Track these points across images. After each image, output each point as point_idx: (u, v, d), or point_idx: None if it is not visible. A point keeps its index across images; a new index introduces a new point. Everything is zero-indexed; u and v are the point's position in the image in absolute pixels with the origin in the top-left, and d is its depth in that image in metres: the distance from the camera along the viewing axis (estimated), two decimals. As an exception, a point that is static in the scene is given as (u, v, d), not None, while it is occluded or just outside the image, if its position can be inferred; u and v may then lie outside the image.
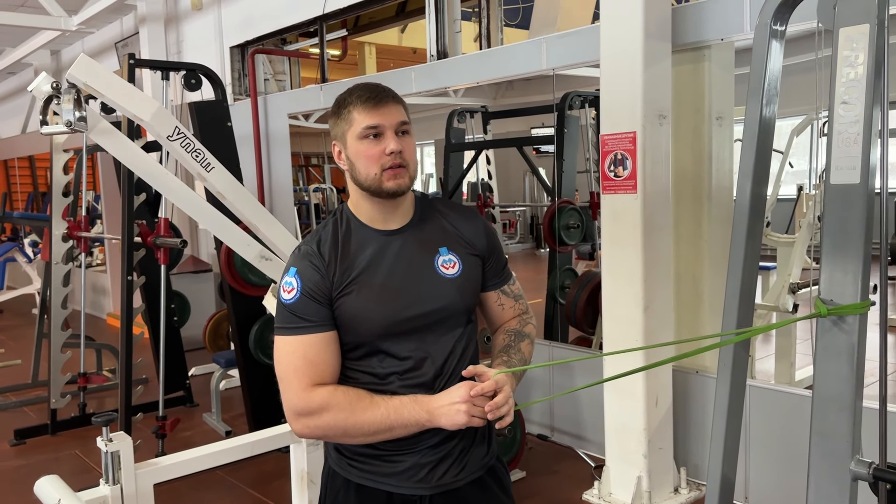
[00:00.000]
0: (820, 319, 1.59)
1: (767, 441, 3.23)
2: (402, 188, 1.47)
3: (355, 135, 1.47)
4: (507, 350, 1.57)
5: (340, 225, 1.54)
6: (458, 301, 1.53)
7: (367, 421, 1.41)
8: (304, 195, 9.79)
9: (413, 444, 1.48)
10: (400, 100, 1.50)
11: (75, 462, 4.25)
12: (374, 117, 1.45)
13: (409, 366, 1.48)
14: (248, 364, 4.33)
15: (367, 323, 1.46)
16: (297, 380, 1.44)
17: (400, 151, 1.45)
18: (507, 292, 1.65)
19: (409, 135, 1.49)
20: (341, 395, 1.43)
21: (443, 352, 1.51)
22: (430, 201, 1.62)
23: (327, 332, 1.46)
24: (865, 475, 1.51)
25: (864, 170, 1.52)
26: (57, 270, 4.81)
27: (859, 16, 1.53)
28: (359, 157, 1.47)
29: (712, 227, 3.44)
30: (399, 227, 1.53)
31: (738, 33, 3.17)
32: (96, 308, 8.79)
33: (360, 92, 1.48)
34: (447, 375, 1.50)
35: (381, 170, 1.45)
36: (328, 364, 1.46)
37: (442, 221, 1.58)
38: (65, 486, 1.77)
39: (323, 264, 1.47)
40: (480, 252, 1.58)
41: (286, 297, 1.46)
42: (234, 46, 6.75)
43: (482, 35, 4.96)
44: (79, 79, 1.95)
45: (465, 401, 1.38)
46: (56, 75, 10.08)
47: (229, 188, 2.31)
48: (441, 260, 1.53)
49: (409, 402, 1.42)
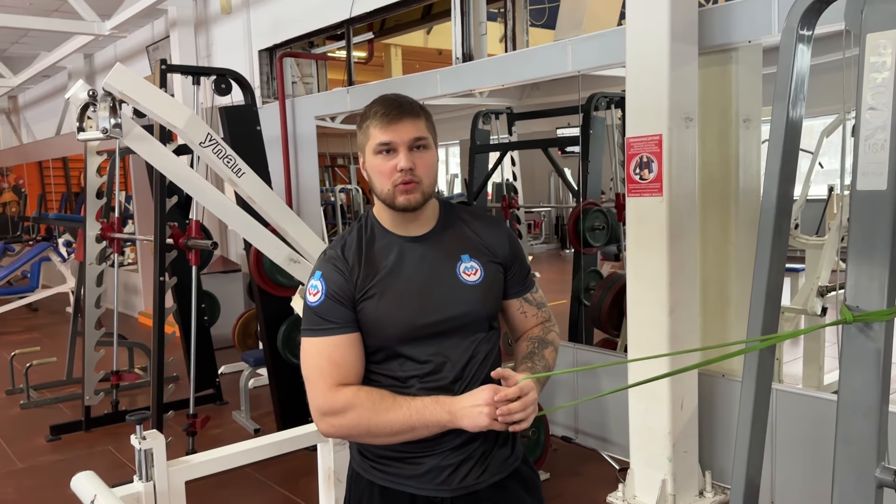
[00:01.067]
0: (845, 326, 1.59)
1: (794, 445, 3.21)
2: (411, 204, 1.49)
3: (371, 149, 1.50)
4: (531, 357, 1.58)
5: (365, 230, 1.57)
6: (479, 308, 1.55)
7: (389, 421, 1.43)
8: (331, 196, 9.87)
9: (434, 445, 1.50)
10: (419, 113, 1.52)
11: (108, 458, 4.35)
12: (388, 133, 1.48)
13: (429, 369, 1.50)
14: (277, 363, 4.39)
15: (387, 327, 1.49)
16: (322, 380, 1.47)
17: (411, 168, 1.47)
18: (529, 300, 1.66)
19: (425, 149, 1.51)
20: (365, 395, 1.46)
21: (462, 356, 1.52)
22: (454, 209, 1.64)
23: (351, 334, 1.49)
24: (891, 482, 1.51)
25: (891, 176, 1.52)
26: (90, 270, 4.91)
27: (887, 21, 1.52)
28: (374, 172, 1.51)
29: (739, 230, 3.42)
30: (422, 234, 1.56)
31: (765, 35, 3.15)
32: (128, 307, 8.95)
33: (378, 107, 1.51)
34: (467, 379, 1.52)
35: (392, 186, 1.48)
36: (352, 365, 1.49)
37: (465, 229, 1.60)
38: (100, 482, 1.82)
39: (347, 268, 1.50)
40: (503, 260, 1.60)
41: (312, 300, 1.50)
42: (263, 50, 6.83)
43: (507, 36, 4.98)
44: (114, 87, 2.01)
45: (488, 403, 1.39)
46: (89, 78, 10.32)
47: (259, 192, 2.36)
48: (463, 267, 1.55)
49: (432, 403, 1.44)
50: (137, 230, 8.13)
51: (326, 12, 5.99)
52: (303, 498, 3.67)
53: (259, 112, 4.61)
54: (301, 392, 4.80)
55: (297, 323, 4.22)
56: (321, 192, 7.92)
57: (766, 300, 1.90)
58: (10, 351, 5.87)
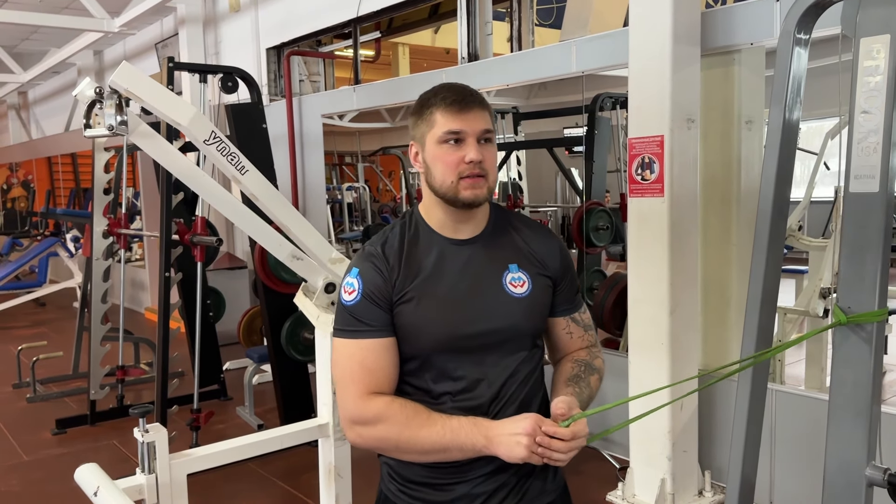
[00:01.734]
0: (837, 327, 1.61)
1: (794, 446, 3.22)
2: (478, 199, 1.39)
3: (435, 138, 1.40)
4: (577, 381, 1.45)
5: (408, 228, 1.47)
6: (524, 322, 1.44)
7: (421, 438, 1.33)
8: (338, 193, 9.90)
9: (466, 471, 1.40)
10: (486, 105, 1.43)
11: (113, 452, 4.39)
12: (458, 122, 1.38)
13: (463, 386, 1.40)
14: (280, 359, 4.42)
15: (424, 335, 1.39)
16: (353, 386, 1.39)
17: (480, 161, 1.38)
18: (577, 320, 1.55)
19: (491, 143, 1.42)
20: (398, 407, 1.36)
21: (501, 375, 1.42)
22: (506, 213, 1.54)
23: (386, 338, 1.39)
24: (880, 481, 1.53)
25: (883, 179, 1.54)
26: (97, 266, 4.96)
27: (880, 26, 1.54)
28: (436, 162, 1.40)
29: (741, 231, 3.44)
30: (469, 238, 1.46)
31: (768, 37, 3.16)
32: (135, 303, 9.01)
33: (446, 93, 1.40)
34: (504, 400, 1.41)
35: (458, 178, 1.38)
36: (385, 372, 1.40)
37: (515, 236, 1.50)
38: (104, 475, 1.85)
39: (386, 267, 1.41)
40: (552, 274, 1.50)
41: (347, 299, 1.41)
42: (271, 48, 6.87)
43: (513, 37, 5.00)
44: (121, 85, 2.04)
45: (528, 434, 1.27)
46: (98, 75, 10.37)
47: (262, 191, 2.38)
48: (510, 277, 1.44)
49: (468, 425, 1.32)
50: (144, 226, 8.19)
51: (334, 11, 6.02)
52: (304, 493, 3.70)
53: (266, 110, 4.65)
54: (304, 388, 4.82)
55: (301, 320, 4.25)
56: (328, 190, 7.96)
57: (763, 301, 1.92)
58: (18, 345, 5.93)
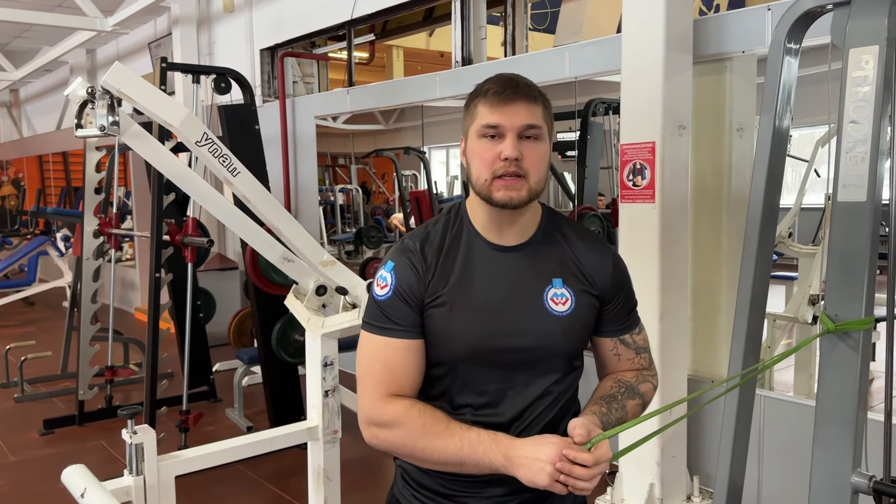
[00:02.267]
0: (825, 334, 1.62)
1: (782, 451, 3.24)
2: (513, 201, 1.28)
3: (475, 131, 1.31)
4: (611, 401, 1.36)
5: (452, 226, 1.38)
6: (560, 343, 1.35)
7: (438, 448, 1.26)
8: (330, 195, 9.90)
9: (483, 486, 1.34)
10: (537, 97, 1.31)
11: (101, 452, 4.37)
12: (497, 115, 1.28)
13: (486, 401, 1.33)
14: (270, 361, 4.41)
15: (452, 343, 1.32)
16: (373, 386, 1.33)
17: (517, 158, 1.27)
18: (627, 342, 1.44)
19: (538, 140, 1.30)
20: (417, 413, 1.29)
21: (529, 395, 1.34)
22: (559, 220, 1.42)
23: (413, 340, 1.33)
24: (865, 488, 1.54)
25: (870, 188, 1.55)
26: (87, 266, 4.94)
27: (869, 37, 1.55)
28: (474, 157, 1.31)
29: (731, 237, 3.46)
30: (514, 245, 1.36)
31: (759, 46, 3.18)
32: (125, 303, 8.98)
33: (491, 84, 1.31)
34: (527, 421, 1.34)
35: (492, 176, 1.28)
36: (409, 375, 1.33)
37: (564, 247, 1.39)
38: (91, 476, 1.85)
39: (423, 265, 1.33)
40: (600, 292, 1.38)
41: (379, 293, 1.34)
42: (265, 49, 6.87)
43: (507, 41, 5.01)
44: (113, 85, 2.04)
45: (553, 461, 1.18)
46: (91, 73, 10.33)
47: (254, 192, 2.39)
48: (552, 293, 1.34)
49: (488, 440, 1.24)
50: (135, 226, 8.16)
51: (328, 13, 6.02)
52: (293, 496, 3.69)
53: (259, 111, 4.65)
54: (293, 390, 4.81)
55: (292, 321, 4.24)
56: (321, 192, 7.96)
57: (751, 307, 1.93)
58: (6, 344, 5.89)
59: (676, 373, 3.29)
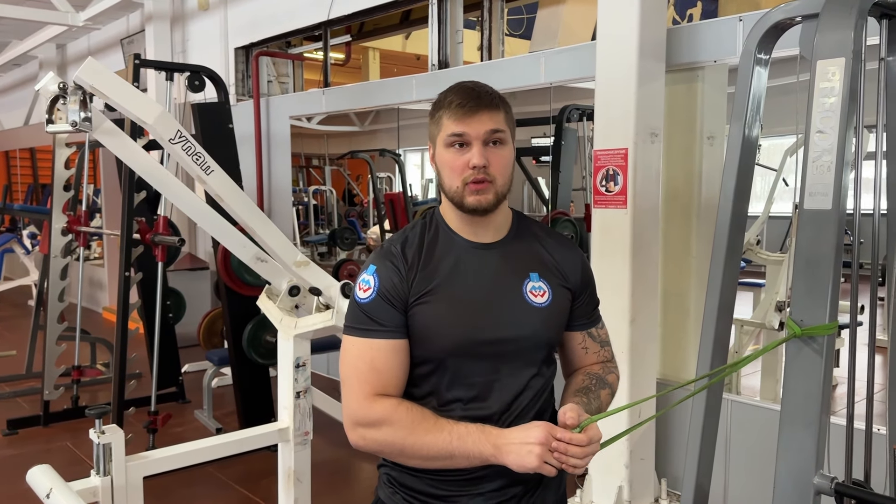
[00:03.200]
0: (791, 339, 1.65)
1: (748, 455, 3.29)
2: (482, 205, 1.35)
3: (442, 141, 1.37)
4: (587, 392, 1.42)
5: (429, 229, 1.44)
6: (542, 333, 1.41)
7: (427, 444, 1.30)
8: (304, 196, 9.85)
9: (475, 484, 1.37)
10: (498, 105, 1.37)
11: (67, 454, 4.30)
12: (462, 125, 1.34)
13: (475, 394, 1.37)
14: (241, 363, 4.38)
15: (439, 338, 1.36)
16: (359, 386, 1.35)
17: (485, 165, 1.33)
18: (593, 336, 1.52)
19: (502, 145, 1.36)
20: (404, 411, 1.32)
21: (515, 386, 1.39)
22: (528, 221, 1.51)
23: (398, 340, 1.36)
24: (828, 489, 1.58)
25: (835, 196, 1.59)
26: (55, 263, 4.87)
27: (836, 49, 1.59)
28: (444, 166, 1.38)
29: (700, 243, 3.51)
30: (490, 242, 1.43)
31: (730, 56, 3.24)
32: (92, 302, 8.84)
33: (454, 95, 1.37)
34: (515, 413, 1.38)
35: (462, 183, 1.35)
36: (394, 374, 1.36)
37: (537, 245, 1.47)
38: (56, 476, 1.82)
39: (405, 267, 1.38)
40: (573, 286, 1.46)
41: (361, 296, 1.37)
42: (239, 48, 6.82)
43: (483, 46, 5.04)
44: (85, 81, 2.01)
45: (541, 443, 1.23)
46: (61, 69, 10.17)
47: (227, 191, 2.37)
48: (530, 286, 1.41)
49: (476, 431, 1.29)
50: (105, 224, 8.05)
51: (304, 13, 6.00)
52: (263, 498, 3.67)
53: (233, 110, 4.61)
54: (264, 392, 4.78)
55: (264, 322, 4.22)
56: (294, 193, 7.91)
57: (719, 312, 1.97)
58: (-31, 343, 5.78)
59: (646, 376, 3.33)
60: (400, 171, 7.69)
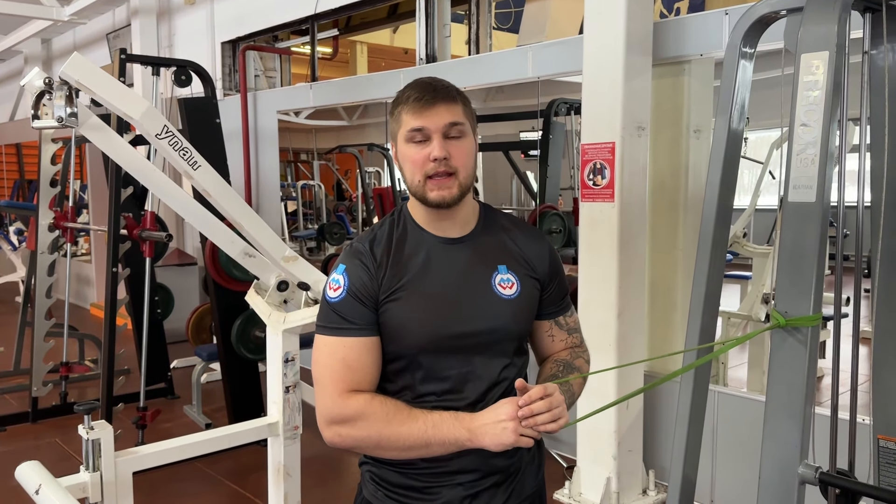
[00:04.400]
0: (775, 330, 1.67)
1: (735, 446, 3.32)
2: (445, 200, 1.36)
3: (402, 137, 1.37)
4: (553, 380, 1.44)
5: (397, 226, 1.45)
6: (512, 324, 1.43)
7: (403, 434, 1.31)
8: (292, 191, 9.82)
9: (454, 474, 1.39)
10: (455, 98, 1.38)
11: (55, 450, 4.28)
12: (420, 119, 1.34)
13: (449, 387, 1.38)
14: (230, 358, 4.37)
15: (411, 334, 1.37)
16: (333, 385, 1.36)
17: (446, 158, 1.34)
18: (560, 324, 1.54)
19: (462, 137, 1.37)
20: (378, 404, 1.34)
21: (488, 377, 1.40)
22: (495, 214, 1.52)
23: (369, 337, 1.37)
24: (812, 479, 1.60)
25: (819, 189, 1.60)
26: (42, 260, 4.84)
27: (820, 43, 1.61)
28: (405, 161, 1.38)
29: (687, 236, 3.53)
30: (458, 237, 1.44)
31: (717, 49, 3.25)
32: (80, 298, 8.79)
33: (411, 91, 1.38)
34: (490, 403, 1.37)
35: (424, 177, 1.35)
36: (367, 371, 1.37)
37: (504, 237, 1.48)
38: (46, 472, 1.82)
39: (374, 265, 1.38)
40: (541, 276, 1.48)
41: (331, 295, 1.38)
42: (226, 42, 6.79)
43: (471, 40, 5.04)
44: (71, 76, 2.00)
45: (512, 418, 1.26)
46: (46, 64, 10.08)
47: (215, 186, 2.36)
48: (499, 278, 1.42)
49: (450, 419, 1.31)
50: (92, 220, 7.99)
51: (291, 7, 5.97)
52: (252, 492, 3.67)
53: (220, 105, 4.59)
54: (254, 387, 4.77)
55: (253, 318, 4.21)
56: (282, 188, 7.89)
57: (705, 305, 1.98)
58: (-44, 340, 5.74)
59: (633, 368, 3.35)
60: (388, 166, 7.69)
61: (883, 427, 1.88)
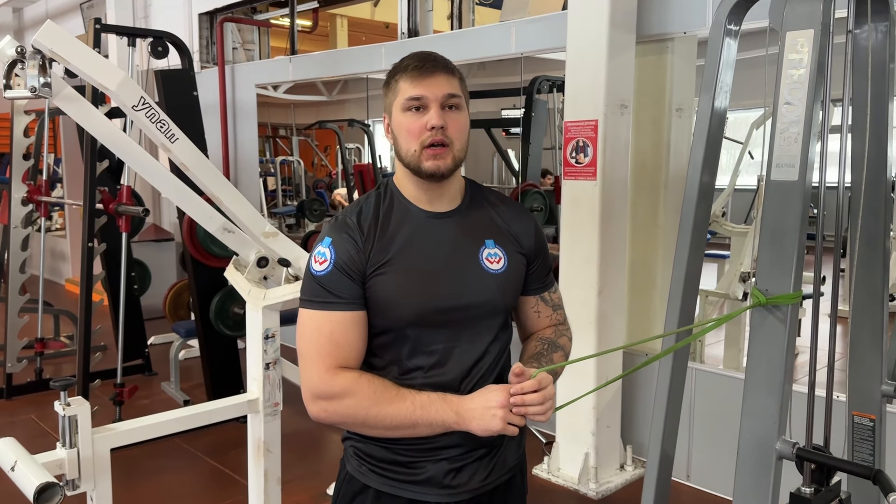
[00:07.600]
0: (755, 308, 1.68)
1: (711, 422, 3.37)
2: (440, 170, 1.35)
3: (399, 105, 1.37)
4: (539, 358, 1.45)
5: (383, 199, 1.43)
6: (499, 299, 1.43)
7: (390, 413, 1.31)
8: (271, 167, 9.73)
9: (438, 450, 1.39)
10: (453, 71, 1.39)
11: (31, 427, 4.24)
12: (419, 88, 1.34)
13: (435, 360, 1.38)
14: (208, 334, 4.34)
15: (399, 307, 1.36)
16: (320, 360, 1.34)
17: (442, 127, 1.34)
18: (546, 300, 1.55)
19: (458, 110, 1.38)
20: (366, 382, 1.33)
21: (474, 352, 1.41)
22: (482, 189, 1.52)
23: (356, 312, 1.36)
24: (789, 454, 1.62)
25: (802, 168, 1.60)
26: (15, 234, 4.76)
27: (805, 21, 1.60)
28: (400, 131, 1.37)
29: (668, 215, 3.55)
30: (446, 211, 1.44)
31: (700, 27, 3.25)
32: (55, 273, 8.67)
33: (410, 60, 1.37)
34: (475, 378, 1.40)
35: (420, 147, 1.35)
36: (354, 346, 1.36)
37: (491, 212, 1.48)
38: (21, 449, 1.79)
39: (361, 238, 1.37)
40: (527, 252, 1.49)
41: (317, 268, 1.37)
42: (203, 13, 6.65)
43: (454, 14, 4.98)
44: (45, 45, 1.94)
45: (502, 405, 1.27)
46: (18, 34, 9.84)
47: (193, 160, 2.32)
48: (486, 253, 1.42)
49: (438, 400, 1.31)
50: (66, 194, 7.86)
51: (270, -21, 5.87)
52: (232, 469, 3.67)
53: (197, 77, 4.51)
54: (232, 364, 4.75)
55: (231, 294, 4.18)
56: (261, 163, 7.81)
57: (685, 283, 1.99)
58: (-73, 315, 5.63)
59: (613, 345, 3.38)
60: (369, 142, 7.62)
61: (857, 404, 1.91)
